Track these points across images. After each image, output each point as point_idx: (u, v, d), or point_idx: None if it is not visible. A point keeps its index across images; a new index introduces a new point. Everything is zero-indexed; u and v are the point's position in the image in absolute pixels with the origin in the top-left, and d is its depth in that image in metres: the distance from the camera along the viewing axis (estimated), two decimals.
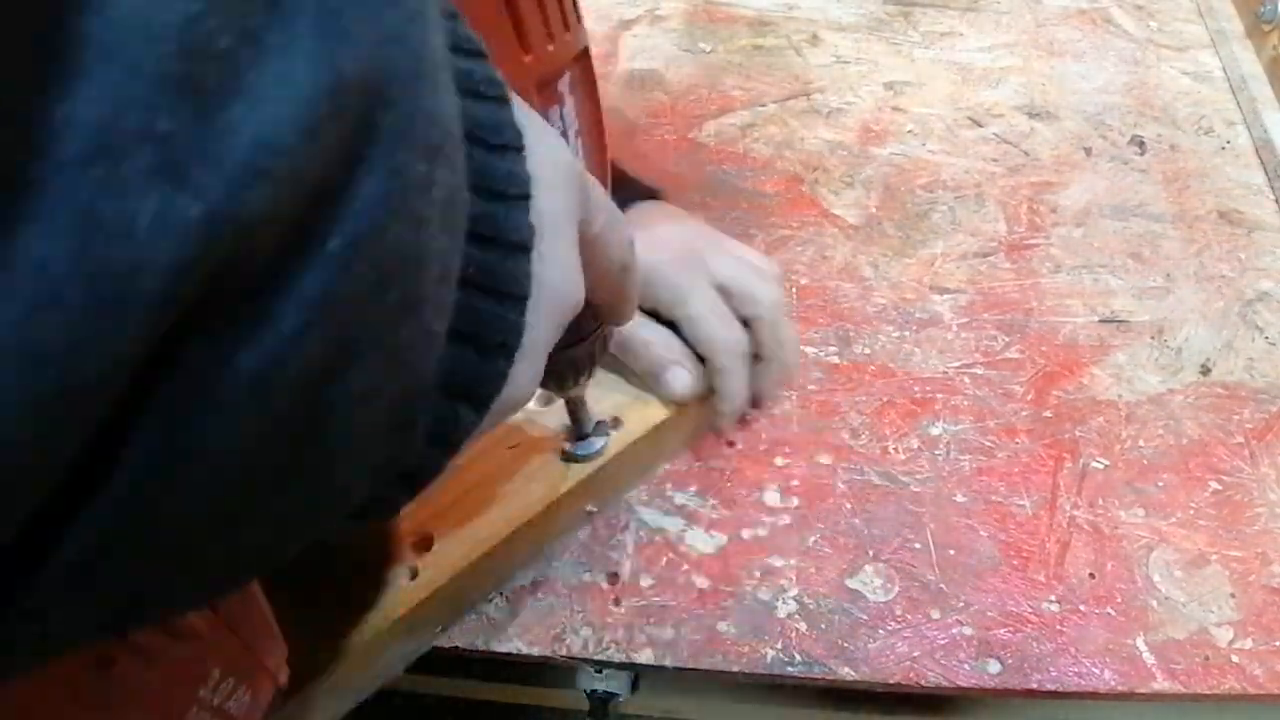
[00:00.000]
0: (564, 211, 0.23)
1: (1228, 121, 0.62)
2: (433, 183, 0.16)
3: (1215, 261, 0.53)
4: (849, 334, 0.49)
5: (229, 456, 0.14)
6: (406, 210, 0.15)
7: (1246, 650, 0.37)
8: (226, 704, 0.25)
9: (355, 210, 0.14)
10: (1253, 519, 0.42)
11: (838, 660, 0.38)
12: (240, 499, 0.15)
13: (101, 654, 0.20)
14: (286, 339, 0.13)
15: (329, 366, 0.15)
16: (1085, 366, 0.48)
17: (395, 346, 0.16)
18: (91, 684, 0.20)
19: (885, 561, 0.40)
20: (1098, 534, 0.41)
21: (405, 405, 0.18)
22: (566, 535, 0.41)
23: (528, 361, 0.22)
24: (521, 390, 0.22)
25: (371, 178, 0.14)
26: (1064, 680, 0.37)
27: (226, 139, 0.11)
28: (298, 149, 0.12)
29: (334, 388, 0.15)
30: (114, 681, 0.20)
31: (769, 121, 0.63)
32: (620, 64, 0.68)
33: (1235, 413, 0.46)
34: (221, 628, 0.24)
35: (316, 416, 0.15)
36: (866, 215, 0.56)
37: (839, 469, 0.44)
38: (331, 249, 0.13)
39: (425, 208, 0.16)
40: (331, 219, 0.13)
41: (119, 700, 0.21)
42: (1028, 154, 0.60)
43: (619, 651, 0.38)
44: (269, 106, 0.12)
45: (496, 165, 0.20)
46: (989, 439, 0.45)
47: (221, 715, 0.25)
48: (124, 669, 0.20)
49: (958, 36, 0.70)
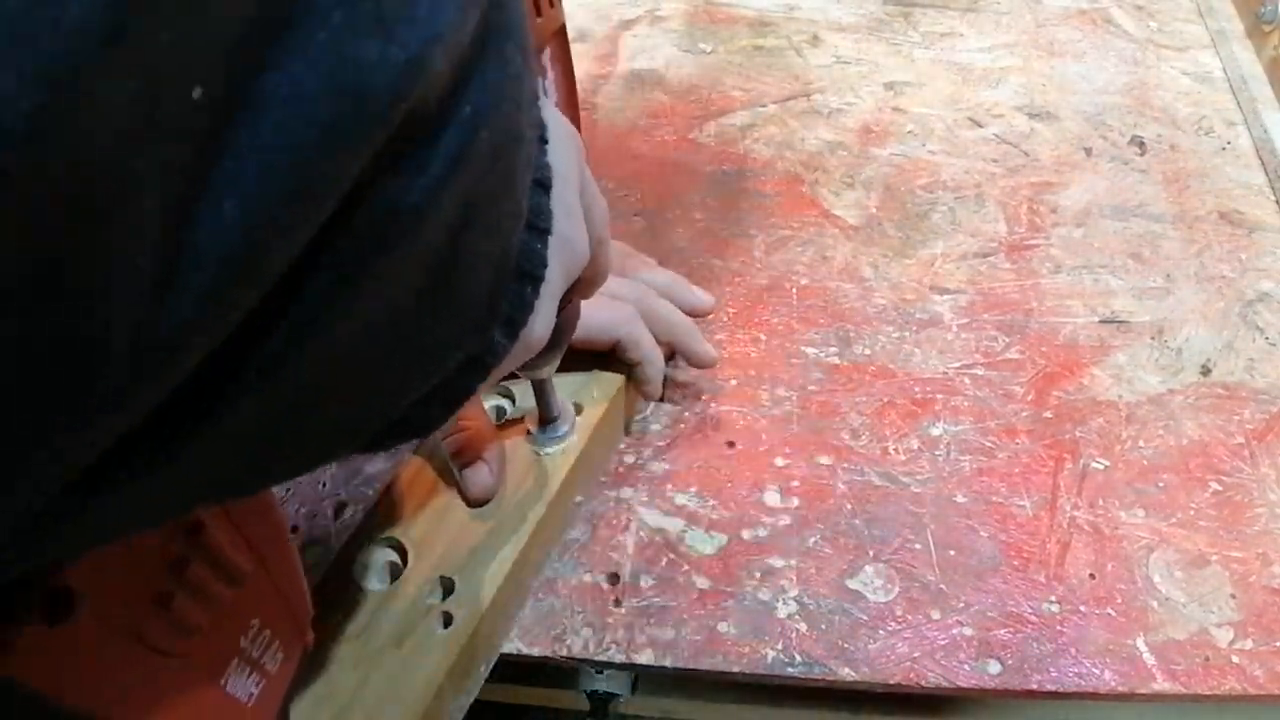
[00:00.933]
0: (570, 168, 0.25)
1: (1228, 122, 0.62)
2: (524, 76, 0.18)
3: (1215, 262, 0.53)
4: (849, 334, 0.49)
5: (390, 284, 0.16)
6: (511, 94, 0.17)
7: (1247, 651, 0.37)
8: (263, 658, 0.26)
9: (480, 84, 0.16)
10: (1253, 519, 0.42)
11: (838, 661, 0.38)
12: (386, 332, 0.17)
13: (161, 590, 0.21)
14: (437, 182, 0.16)
15: (460, 218, 0.17)
16: (1085, 367, 0.48)
17: (500, 214, 0.19)
18: (151, 622, 0.21)
19: (885, 562, 0.40)
20: (1098, 534, 0.41)
21: (499, 273, 0.20)
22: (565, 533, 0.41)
23: (546, 300, 0.23)
24: (538, 329, 0.24)
25: (490, 61, 0.17)
26: (1064, 681, 0.37)
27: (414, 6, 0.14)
28: (457, 22, 0.15)
29: (462, 239, 0.18)
30: (171, 620, 0.21)
31: (769, 122, 0.63)
32: (621, 64, 0.68)
33: (1235, 413, 0.46)
34: (262, 573, 0.25)
35: (451, 260, 0.18)
36: (867, 216, 0.56)
37: (839, 469, 0.44)
38: (465, 113, 0.16)
39: (520, 95, 0.18)
40: (466, 89, 0.16)
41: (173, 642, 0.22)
42: (1028, 154, 0.60)
43: (619, 652, 0.38)
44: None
45: None
46: (989, 439, 0.45)
47: (259, 669, 0.26)
48: (180, 606, 0.21)
49: (958, 37, 0.70)
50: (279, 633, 0.27)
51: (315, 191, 0.13)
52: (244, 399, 0.15)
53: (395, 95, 0.14)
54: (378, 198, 0.15)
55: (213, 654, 0.24)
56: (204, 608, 0.23)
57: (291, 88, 0.12)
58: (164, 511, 0.17)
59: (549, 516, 0.39)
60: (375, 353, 0.18)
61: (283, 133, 0.12)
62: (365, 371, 0.18)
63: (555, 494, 0.39)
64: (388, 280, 0.16)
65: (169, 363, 0.13)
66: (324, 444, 0.20)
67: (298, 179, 0.13)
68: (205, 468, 0.16)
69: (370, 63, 0.13)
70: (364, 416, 0.20)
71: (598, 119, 0.64)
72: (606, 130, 0.63)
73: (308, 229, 0.14)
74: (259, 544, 0.25)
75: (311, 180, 0.13)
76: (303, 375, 0.16)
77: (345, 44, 0.13)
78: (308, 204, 0.13)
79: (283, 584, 0.26)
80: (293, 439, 0.18)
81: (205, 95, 0.11)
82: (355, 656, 0.33)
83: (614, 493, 0.43)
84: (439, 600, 0.35)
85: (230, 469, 0.17)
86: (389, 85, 0.14)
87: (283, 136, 0.12)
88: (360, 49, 0.13)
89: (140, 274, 0.12)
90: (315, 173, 0.13)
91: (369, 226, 0.15)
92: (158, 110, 0.11)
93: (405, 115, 0.14)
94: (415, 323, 0.18)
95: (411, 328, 0.18)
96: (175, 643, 0.22)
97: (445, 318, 0.19)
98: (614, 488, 0.43)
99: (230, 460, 0.17)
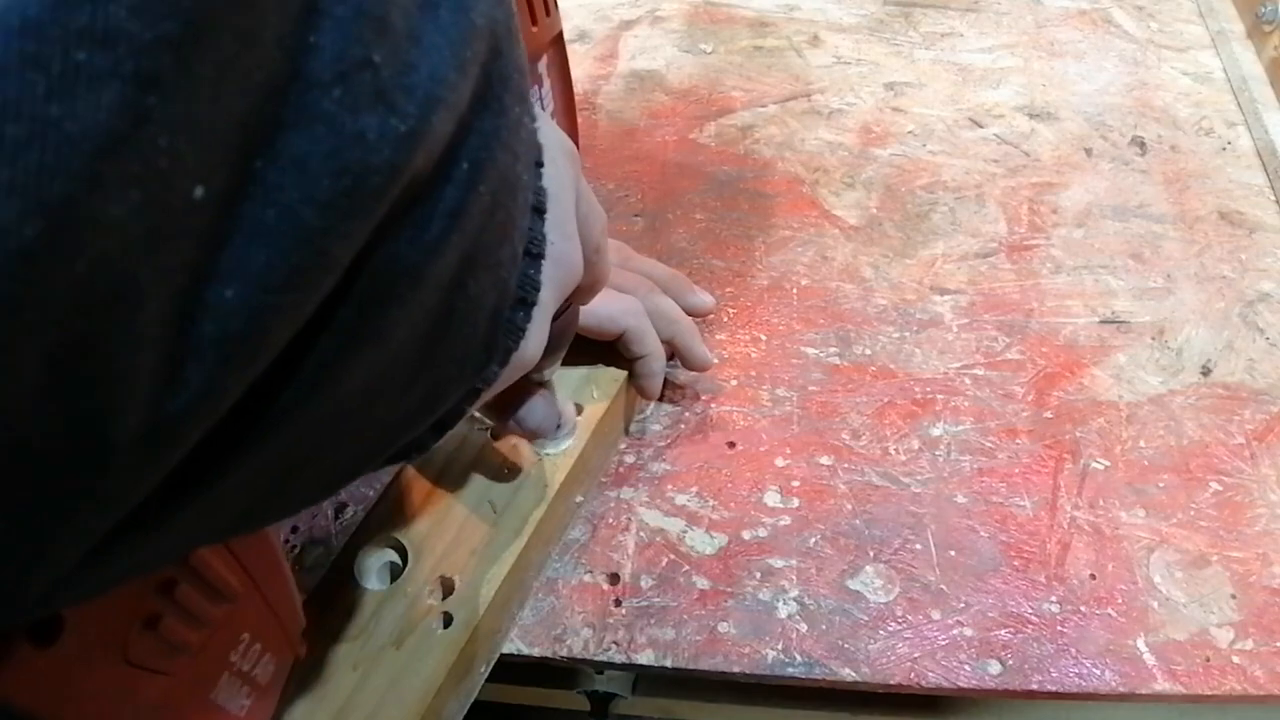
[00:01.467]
0: (565, 186, 0.25)
1: (1228, 122, 0.62)
2: (522, 125, 0.18)
3: (1216, 262, 0.53)
4: (849, 335, 0.49)
5: (391, 343, 0.16)
6: (508, 144, 0.17)
7: (1247, 651, 0.37)
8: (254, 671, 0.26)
9: (477, 139, 0.16)
10: (1253, 520, 0.41)
11: (838, 661, 0.38)
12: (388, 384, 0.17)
13: (150, 611, 0.21)
14: (436, 240, 0.16)
15: (458, 271, 0.17)
16: (1086, 367, 0.48)
17: (498, 261, 0.19)
18: (139, 642, 0.21)
19: (886, 562, 0.40)
20: (1098, 535, 0.41)
21: (497, 317, 0.21)
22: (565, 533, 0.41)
23: (538, 321, 0.23)
24: (530, 349, 0.24)
25: (487, 113, 0.16)
26: (1065, 681, 0.37)
27: (412, 73, 0.14)
28: (455, 83, 0.15)
29: (460, 291, 0.18)
30: (159, 640, 0.21)
31: (769, 122, 0.63)
32: (621, 64, 0.68)
33: (1236, 413, 0.46)
34: (253, 589, 0.25)
35: (449, 313, 0.18)
36: (867, 216, 0.56)
37: (839, 470, 0.44)
38: (463, 169, 0.16)
39: (518, 144, 0.18)
40: (463, 145, 0.16)
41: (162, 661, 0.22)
42: (1028, 155, 0.60)
43: (619, 652, 0.38)
44: (434, 48, 0.14)
45: None
46: (989, 440, 0.45)
47: (249, 682, 0.26)
48: (168, 627, 0.22)
49: (958, 37, 0.70)
50: (270, 646, 0.27)
51: (317, 269, 0.13)
52: (246, 460, 0.15)
53: (397, 167, 0.14)
54: (378, 261, 0.15)
55: (203, 669, 0.24)
56: (193, 627, 0.23)
57: (294, 171, 0.12)
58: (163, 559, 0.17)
59: (549, 516, 0.39)
60: (376, 404, 0.18)
61: (285, 216, 0.12)
62: (366, 422, 0.18)
63: (555, 494, 0.39)
64: (389, 338, 0.16)
65: (172, 447, 0.13)
66: (321, 487, 0.20)
67: (300, 259, 0.13)
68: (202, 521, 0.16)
69: (372, 138, 0.13)
70: (362, 458, 0.20)
71: (598, 119, 0.64)
72: (607, 131, 0.63)
73: (310, 304, 0.14)
74: (250, 562, 0.25)
75: (314, 259, 0.13)
76: (305, 433, 0.16)
77: (346, 121, 0.13)
78: (309, 282, 0.13)
79: (274, 599, 0.26)
80: (291, 487, 0.18)
81: (207, 192, 0.11)
82: (355, 656, 0.33)
83: (614, 493, 0.43)
84: (439, 600, 0.35)
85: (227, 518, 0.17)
86: (390, 158, 0.13)
87: (285, 220, 0.12)
88: (361, 124, 0.13)
89: (145, 373, 0.12)
90: (317, 251, 0.13)
91: (370, 290, 0.15)
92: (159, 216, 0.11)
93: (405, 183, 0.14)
94: (415, 373, 0.18)
95: (411, 378, 0.18)
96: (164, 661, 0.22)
97: (444, 363, 0.19)
98: (614, 488, 0.43)
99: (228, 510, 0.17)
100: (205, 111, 0.11)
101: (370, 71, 0.13)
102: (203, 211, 0.11)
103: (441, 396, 0.20)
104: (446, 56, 0.14)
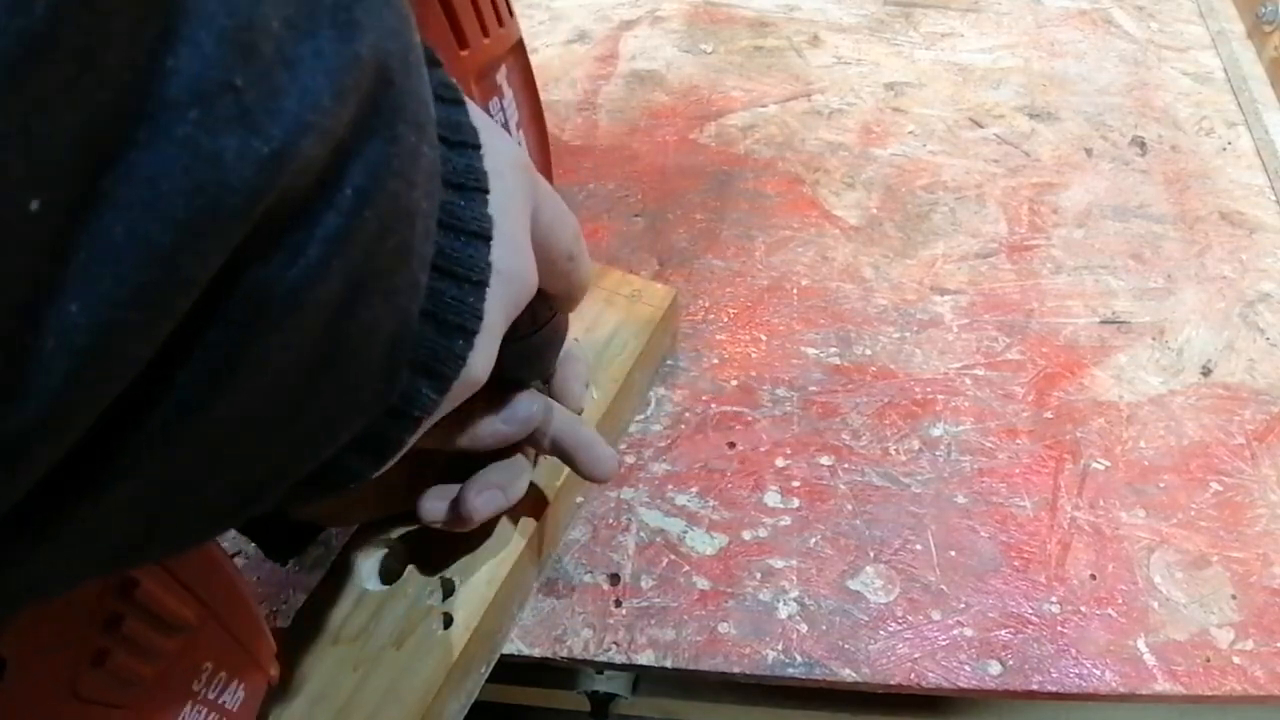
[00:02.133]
0: (516, 202, 0.25)
1: (1229, 122, 0.62)
2: (420, 153, 0.18)
3: (1216, 263, 0.53)
4: (850, 335, 0.49)
5: (269, 369, 0.16)
6: (400, 171, 0.17)
7: (1248, 652, 0.37)
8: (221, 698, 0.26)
9: (362, 166, 0.16)
10: (1254, 520, 0.41)
11: (838, 662, 0.38)
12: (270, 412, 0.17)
13: (97, 648, 0.21)
14: (314, 266, 0.16)
15: (344, 298, 0.17)
16: (1086, 367, 0.48)
17: (393, 289, 0.19)
18: (88, 678, 0.21)
19: (886, 563, 0.40)
20: (1099, 535, 0.41)
21: (397, 346, 0.20)
22: (565, 533, 0.41)
23: (483, 343, 0.23)
24: (476, 371, 0.24)
25: (375, 141, 0.17)
26: (1065, 682, 0.37)
27: (281, 97, 0.14)
28: (331, 109, 0.15)
29: (348, 318, 0.18)
30: (109, 675, 0.21)
31: (770, 122, 0.63)
32: (621, 64, 0.68)
33: (1236, 414, 0.46)
34: (210, 620, 0.25)
35: (336, 340, 0.18)
36: (867, 216, 0.56)
37: (840, 470, 0.44)
38: (346, 195, 0.16)
39: (414, 172, 0.18)
40: (346, 171, 0.16)
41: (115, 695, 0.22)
42: (1028, 155, 0.60)
43: (620, 653, 0.38)
44: (309, 74, 0.14)
45: (456, 160, 0.22)
46: (990, 440, 0.45)
47: (217, 709, 0.26)
48: (118, 663, 0.21)
49: (958, 37, 0.70)
50: (236, 673, 0.26)
51: (168, 289, 0.13)
52: (122, 480, 0.15)
53: (256, 189, 0.14)
54: (249, 285, 0.15)
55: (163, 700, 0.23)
56: (145, 661, 0.22)
57: (144, 187, 0.12)
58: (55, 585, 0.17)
59: (549, 517, 0.39)
60: (262, 431, 0.17)
61: (133, 234, 0.12)
62: (249, 452, 0.18)
63: (555, 494, 0.39)
64: (267, 365, 0.16)
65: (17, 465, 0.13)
66: (219, 513, 0.19)
67: (149, 278, 0.13)
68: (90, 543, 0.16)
69: (229, 158, 0.13)
70: (252, 490, 0.19)
71: (598, 119, 0.64)
72: (607, 131, 0.63)
73: (164, 325, 0.14)
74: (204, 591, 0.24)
75: (163, 279, 0.13)
76: (185, 455, 0.16)
77: (202, 140, 0.13)
78: (160, 303, 0.13)
79: (235, 627, 0.26)
80: (182, 512, 0.18)
81: (44, 205, 0.11)
82: (355, 657, 0.33)
83: (614, 493, 0.43)
84: (439, 601, 0.35)
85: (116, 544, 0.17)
86: (249, 180, 0.13)
87: (133, 238, 0.12)
88: (219, 143, 0.13)
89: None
90: (167, 271, 0.13)
91: (241, 313, 0.15)
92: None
93: (272, 204, 0.14)
94: (302, 401, 0.18)
95: (296, 408, 0.18)
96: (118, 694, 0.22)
97: (336, 394, 0.19)
98: (614, 488, 0.43)
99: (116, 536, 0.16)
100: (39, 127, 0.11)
101: (232, 95, 0.13)
102: (40, 223, 0.11)
103: (335, 427, 0.20)
104: (322, 83, 0.14)
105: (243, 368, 0.15)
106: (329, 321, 0.17)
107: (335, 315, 0.17)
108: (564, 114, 0.64)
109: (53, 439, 0.13)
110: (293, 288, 0.16)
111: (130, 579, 0.21)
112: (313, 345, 0.17)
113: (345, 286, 0.17)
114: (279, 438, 0.18)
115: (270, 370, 0.16)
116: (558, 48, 0.70)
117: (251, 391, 0.16)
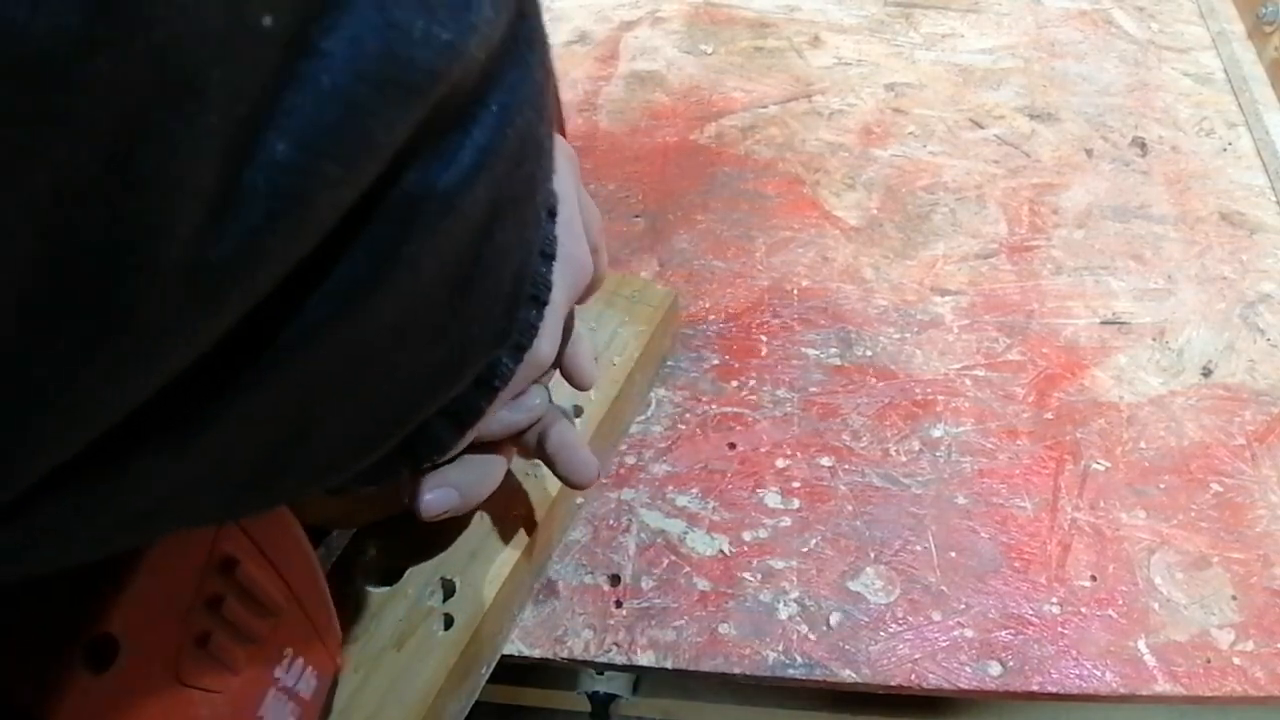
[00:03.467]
0: (570, 189, 0.26)
1: (1229, 123, 0.62)
2: (544, 88, 0.19)
3: (1217, 263, 0.53)
4: (850, 336, 0.49)
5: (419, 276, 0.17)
6: (531, 100, 0.18)
7: (1248, 652, 0.37)
8: (297, 686, 0.26)
9: (505, 86, 0.17)
10: (1254, 521, 0.41)
11: (839, 662, 0.38)
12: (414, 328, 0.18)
13: (201, 629, 0.21)
14: (466, 173, 0.16)
15: (487, 215, 0.18)
16: (1086, 368, 0.48)
17: (523, 220, 0.20)
18: (191, 662, 0.21)
19: (886, 563, 0.40)
20: (1099, 536, 0.41)
21: (520, 280, 0.21)
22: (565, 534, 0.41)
23: (550, 321, 0.24)
24: (544, 349, 0.24)
25: (514, 67, 0.17)
26: (1065, 683, 0.37)
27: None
28: (491, 19, 0.15)
29: (488, 240, 0.18)
30: (210, 658, 0.22)
31: (770, 123, 0.63)
32: (621, 65, 0.68)
33: (1236, 414, 0.46)
34: (294, 603, 0.25)
35: (476, 259, 0.18)
36: (868, 217, 0.56)
37: (840, 471, 0.44)
38: (493, 110, 0.17)
39: (540, 105, 0.19)
40: (494, 87, 0.17)
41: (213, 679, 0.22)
42: (1029, 155, 0.60)
43: (620, 653, 0.38)
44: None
45: None
46: (990, 441, 0.45)
47: (294, 698, 0.26)
48: (218, 644, 0.22)
49: (959, 38, 0.70)
50: (311, 660, 0.27)
51: (361, 148, 0.14)
52: (262, 384, 0.15)
53: (436, 71, 0.14)
54: (413, 179, 0.16)
55: (250, 687, 0.24)
56: (240, 643, 0.23)
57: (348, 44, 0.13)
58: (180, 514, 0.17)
59: (550, 518, 0.39)
60: (398, 348, 0.18)
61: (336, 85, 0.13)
62: (386, 367, 0.18)
63: (556, 495, 0.39)
64: (417, 268, 0.17)
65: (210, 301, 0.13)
66: (334, 452, 0.20)
67: (348, 131, 0.13)
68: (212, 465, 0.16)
69: (417, 35, 0.14)
70: (377, 423, 0.20)
71: (598, 120, 0.64)
72: (607, 131, 0.63)
73: (351, 189, 0.14)
74: (290, 575, 0.25)
75: (359, 136, 0.14)
76: (325, 365, 0.16)
77: (396, 13, 0.13)
78: (353, 160, 0.14)
79: (313, 613, 0.27)
80: (303, 439, 0.18)
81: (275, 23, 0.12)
82: (355, 658, 0.33)
83: (615, 494, 0.43)
84: (439, 602, 0.35)
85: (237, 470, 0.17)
86: (432, 60, 0.14)
87: (336, 89, 0.13)
88: (410, 19, 0.14)
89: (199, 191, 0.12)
90: (364, 129, 0.14)
91: (403, 209, 0.16)
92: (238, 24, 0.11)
93: (439, 101, 0.15)
94: (443, 322, 0.19)
95: (439, 327, 0.19)
96: (215, 680, 0.22)
97: (468, 318, 0.20)
98: (615, 489, 0.43)
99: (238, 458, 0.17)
100: None
101: None
102: (270, 45, 0.12)
103: (465, 360, 0.21)
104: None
105: (398, 267, 0.16)
106: (472, 239, 0.18)
107: (478, 234, 0.18)
108: (564, 115, 0.64)
109: (243, 283, 0.13)
110: (446, 192, 0.16)
111: (230, 558, 0.22)
112: (457, 260, 0.18)
113: (488, 203, 0.18)
114: (418, 360, 0.19)
115: (421, 278, 0.17)
116: (558, 49, 0.70)
117: (402, 297, 0.17)
